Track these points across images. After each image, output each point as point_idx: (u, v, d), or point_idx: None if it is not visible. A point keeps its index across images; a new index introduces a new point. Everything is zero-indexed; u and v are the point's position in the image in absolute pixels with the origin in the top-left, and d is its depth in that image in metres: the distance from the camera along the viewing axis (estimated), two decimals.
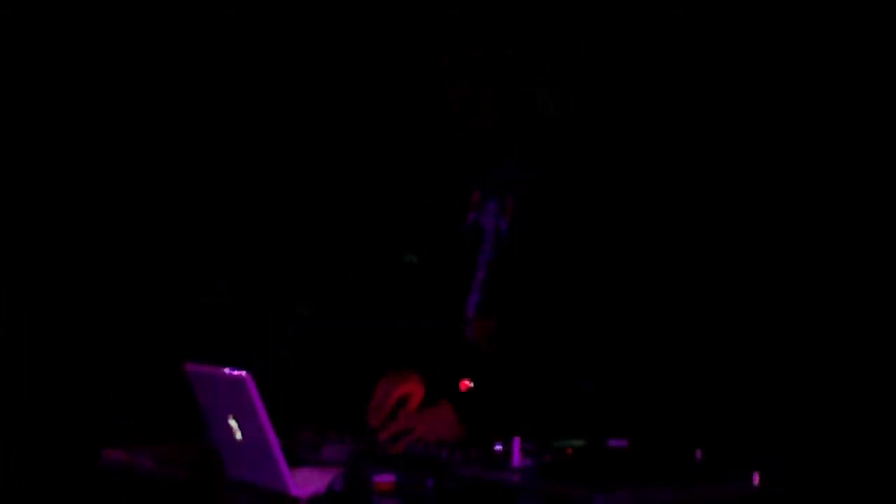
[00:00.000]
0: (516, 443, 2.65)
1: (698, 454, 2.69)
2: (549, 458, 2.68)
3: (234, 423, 2.62)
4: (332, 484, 2.55)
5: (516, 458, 2.64)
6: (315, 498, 2.54)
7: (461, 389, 3.02)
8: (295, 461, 2.67)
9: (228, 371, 2.59)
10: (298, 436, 2.92)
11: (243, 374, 2.55)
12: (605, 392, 2.96)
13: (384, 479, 2.58)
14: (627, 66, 3.87)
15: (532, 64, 3.16)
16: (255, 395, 2.54)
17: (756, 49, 3.70)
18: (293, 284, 4.64)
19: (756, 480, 2.57)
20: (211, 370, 2.67)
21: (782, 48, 3.66)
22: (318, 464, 2.76)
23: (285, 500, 2.54)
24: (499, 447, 2.71)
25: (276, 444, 2.54)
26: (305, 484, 2.57)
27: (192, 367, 2.73)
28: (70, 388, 4.41)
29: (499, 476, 2.59)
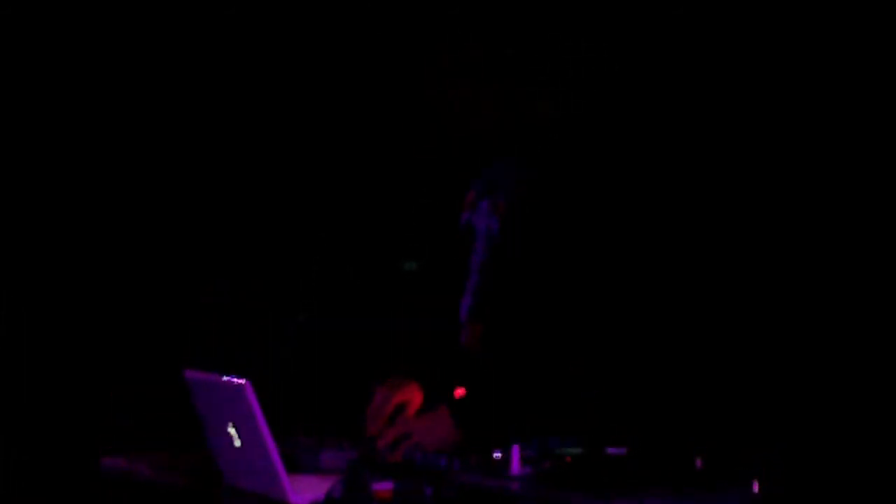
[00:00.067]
0: (515, 450, 2.64)
1: (697, 462, 2.69)
2: (548, 465, 2.67)
3: (233, 431, 2.62)
4: (331, 491, 2.55)
5: (515, 466, 2.64)
6: None
7: (455, 397, 3.01)
8: (294, 468, 2.67)
9: (227, 379, 2.58)
10: (297, 442, 2.92)
11: (243, 381, 2.54)
12: (603, 399, 2.96)
13: (383, 486, 2.58)
14: (627, 67, 3.86)
15: (532, 64, 3.15)
16: (255, 403, 2.54)
17: (755, 49, 3.69)
18: (293, 284, 4.63)
19: (756, 488, 2.56)
20: (210, 377, 2.66)
21: (782, 48, 3.65)
22: (316, 471, 2.76)
23: None
24: (498, 455, 2.71)
25: (275, 452, 2.54)
26: (304, 491, 2.57)
27: (192, 375, 2.72)
28: (70, 389, 4.41)
29: (498, 484, 2.59)
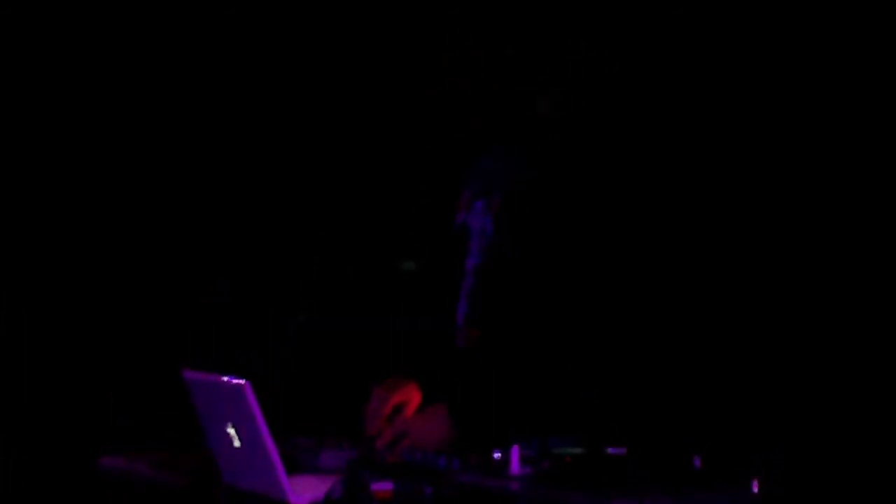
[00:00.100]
0: (515, 450, 2.64)
1: (697, 461, 2.69)
2: (547, 465, 2.67)
3: (232, 431, 2.61)
4: (331, 491, 2.55)
5: (515, 466, 2.63)
6: None
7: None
8: (293, 468, 2.67)
9: (227, 379, 2.58)
10: (296, 442, 2.92)
11: (242, 382, 2.54)
12: (603, 399, 2.96)
13: (382, 486, 2.58)
14: (626, 67, 3.86)
15: (532, 64, 3.15)
16: (254, 403, 2.54)
17: (754, 49, 3.69)
18: (293, 284, 4.63)
19: (755, 487, 2.56)
20: (209, 378, 2.66)
21: (781, 48, 3.65)
22: (316, 471, 2.76)
23: None
24: (497, 455, 2.71)
25: (274, 452, 2.54)
26: (303, 491, 2.57)
27: (191, 375, 2.72)
28: (70, 389, 4.41)
29: (497, 484, 2.59)
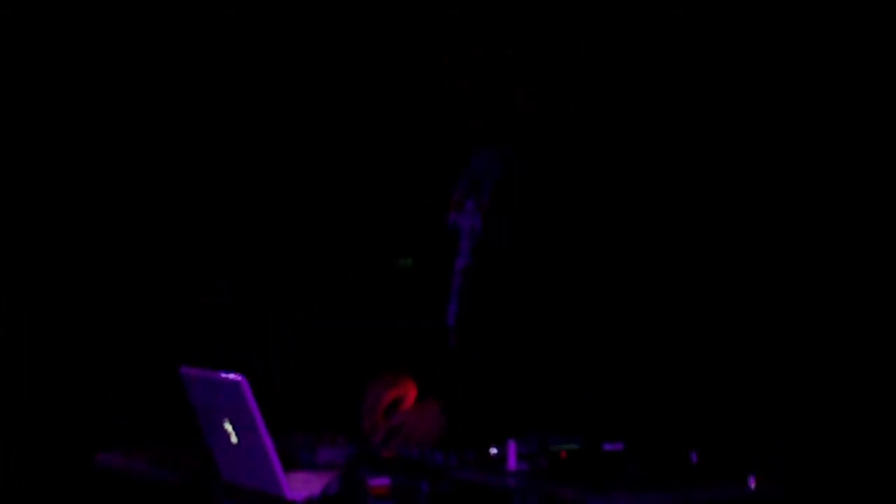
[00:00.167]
0: (511, 446, 2.64)
1: (694, 457, 2.69)
2: (544, 461, 2.67)
3: (229, 427, 2.62)
4: (328, 487, 2.55)
5: (511, 462, 2.64)
6: (310, 501, 2.54)
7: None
8: (290, 464, 2.67)
9: (224, 375, 2.58)
10: (294, 439, 2.92)
11: (239, 377, 2.54)
12: (600, 396, 2.96)
13: (379, 482, 2.58)
14: (626, 67, 3.86)
15: (532, 64, 3.15)
16: (251, 399, 2.54)
17: (753, 50, 3.70)
18: (293, 284, 4.64)
19: (752, 483, 2.56)
20: (206, 374, 2.66)
21: (780, 48, 3.65)
22: (313, 467, 2.76)
23: (281, 503, 2.54)
24: (494, 450, 2.71)
25: (271, 448, 2.54)
26: (301, 487, 2.57)
27: (187, 371, 2.72)
28: (69, 388, 4.41)
29: (494, 479, 2.59)
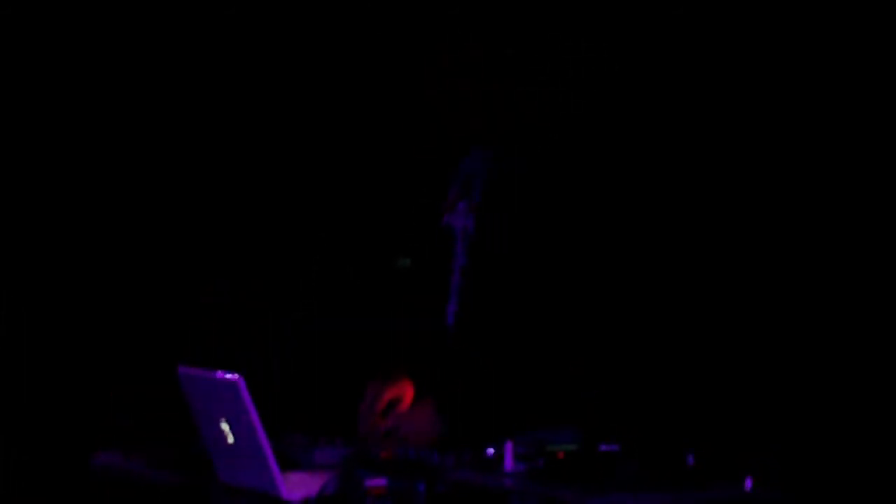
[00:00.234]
0: (508, 447, 2.64)
1: (690, 458, 2.69)
2: (541, 462, 2.67)
3: (226, 427, 2.62)
4: (324, 488, 2.55)
5: (508, 463, 2.64)
6: (307, 501, 2.54)
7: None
8: (287, 465, 2.67)
9: (220, 374, 2.59)
10: (291, 439, 2.92)
11: (235, 377, 2.54)
12: (597, 396, 2.96)
13: (376, 483, 2.58)
14: (626, 67, 3.86)
15: (532, 64, 3.15)
16: (248, 399, 2.54)
17: (753, 50, 3.69)
18: (293, 284, 4.64)
19: (748, 484, 2.56)
20: (203, 373, 2.66)
21: (780, 48, 3.65)
22: (310, 467, 2.76)
23: (277, 503, 2.54)
24: (491, 451, 2.71)
25: (268, 448, 2.54)
26: (297, 488, 2.57)
27: (185, 370, 2.72)
28: (68, 388, 4.41)
29: (491, 480, 2.59)
